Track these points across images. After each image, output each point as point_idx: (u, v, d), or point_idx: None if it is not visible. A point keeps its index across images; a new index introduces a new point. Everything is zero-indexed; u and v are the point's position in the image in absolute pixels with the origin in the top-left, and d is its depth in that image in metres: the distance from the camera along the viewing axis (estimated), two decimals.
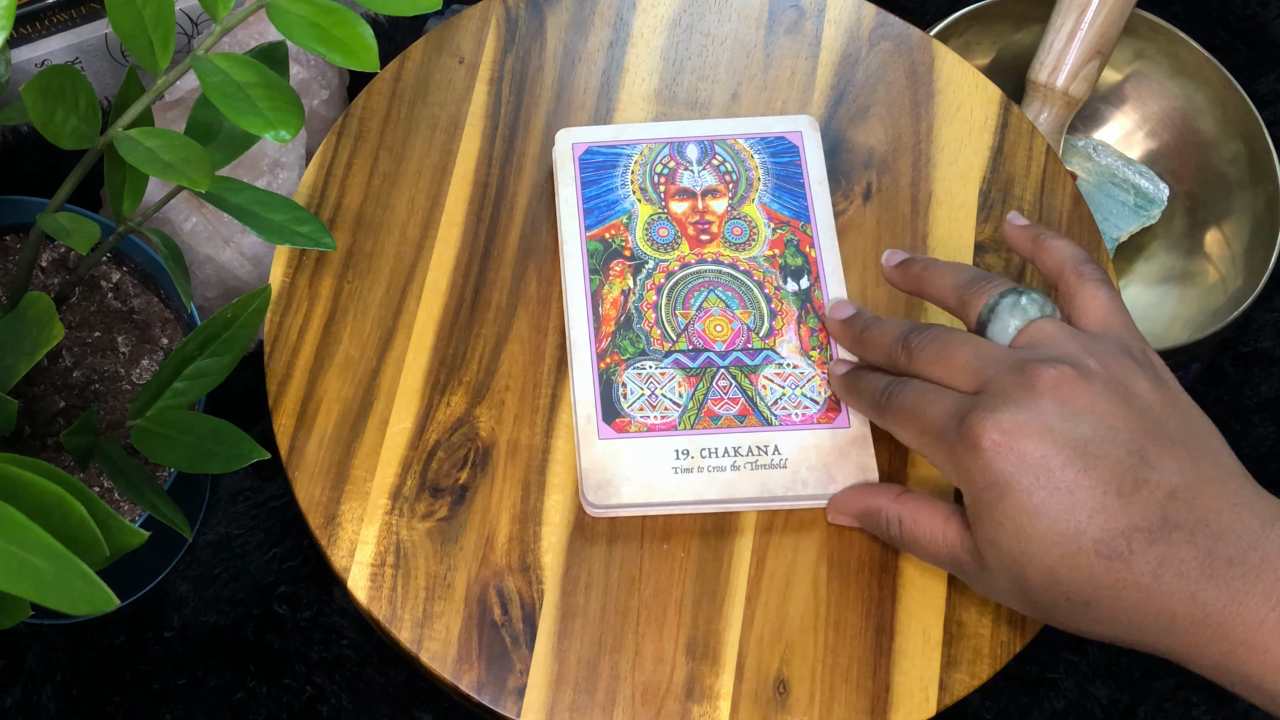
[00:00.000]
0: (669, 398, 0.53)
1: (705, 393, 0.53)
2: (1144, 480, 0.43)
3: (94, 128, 0.50)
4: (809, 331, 0.54)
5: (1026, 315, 0.47)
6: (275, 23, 0.47)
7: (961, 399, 0.45)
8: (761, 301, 0.54)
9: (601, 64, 0.60)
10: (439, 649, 0.49)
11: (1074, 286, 0.49)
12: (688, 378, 0.53)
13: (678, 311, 0.54)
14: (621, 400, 0.52)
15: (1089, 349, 0.45)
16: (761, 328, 0.54)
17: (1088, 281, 0.48)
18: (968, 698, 0.50)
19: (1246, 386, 0.85)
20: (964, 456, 0.44)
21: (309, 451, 0.52)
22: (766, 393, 0.53)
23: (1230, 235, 0.83)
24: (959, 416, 0.45)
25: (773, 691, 0.49)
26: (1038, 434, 0.43)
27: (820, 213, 0.56)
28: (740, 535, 0.52)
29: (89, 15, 0.78)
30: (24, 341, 0.51)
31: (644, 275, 0.55)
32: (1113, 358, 0.45)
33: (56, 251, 0.70)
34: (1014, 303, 0.47)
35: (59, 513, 0.39)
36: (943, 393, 0.46)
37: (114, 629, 0.73)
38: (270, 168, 0.76)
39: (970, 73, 0.61)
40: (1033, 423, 0.43)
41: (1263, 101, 0.91)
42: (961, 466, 0.44)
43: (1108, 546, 0.42)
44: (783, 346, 0.54)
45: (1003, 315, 0.47)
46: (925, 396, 0.47)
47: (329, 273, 0.55)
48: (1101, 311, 0.48)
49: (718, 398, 0.53)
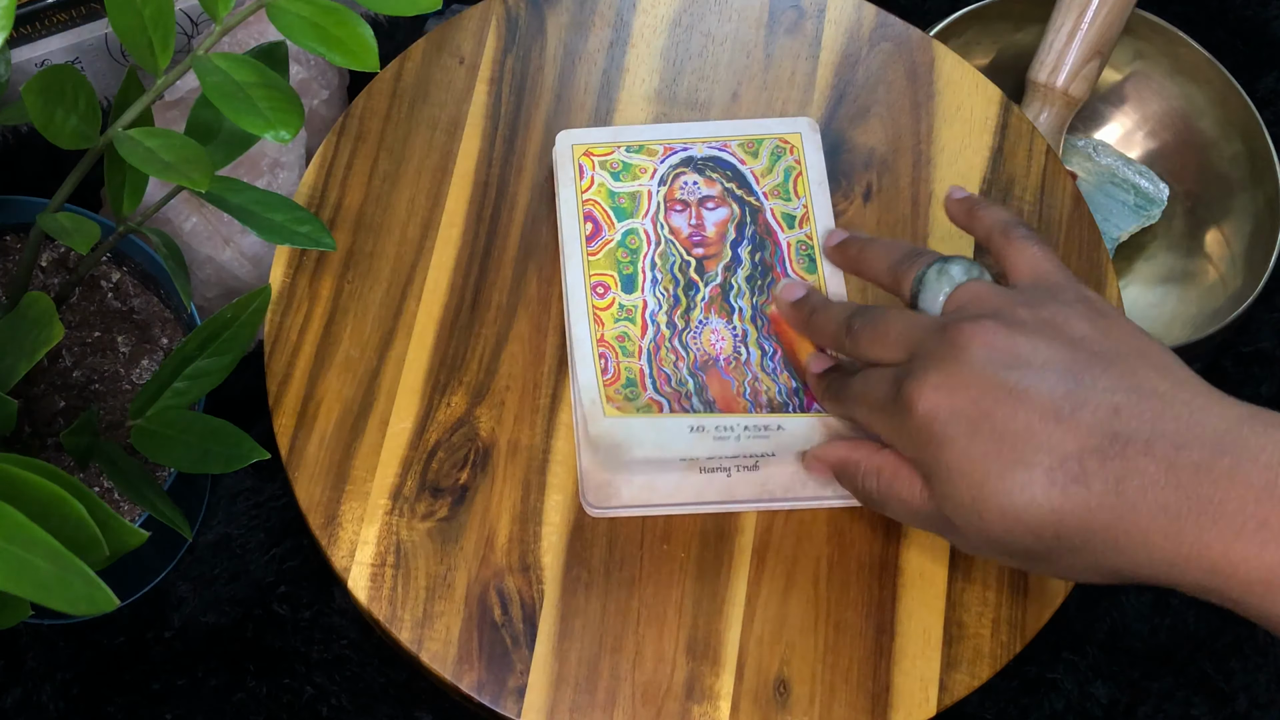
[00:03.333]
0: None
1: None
2: (1083, 402, 0.42)
3: (94, 128, 0.50)
4: None
5: (954, 281, 0.48)
6: (275, 23, 0.47)
7: (894, 370, 0.46)
8: None
9: (602, 64, 0.60)
10: (439, 649, 0.49)
11: (1002, 246, 0.49)
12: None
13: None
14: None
15: (1016, 300, 0.46)
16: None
17: (1015, 240, 0.49)
18: (968, 698, 0.50)
19: (1246, 386, 0.85)
20: (904, 423, 0.45)
21: (309, 451, 0.52)
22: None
23: (1230, 235, 0.83)
24: (894, 385, 0.45)
25: (773, 691, 0.49)
26: (965, 384, 0.43)
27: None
28: (740, 535, 0.52)
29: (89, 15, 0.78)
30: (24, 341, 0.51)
31: None
32: (1042, 304, 0.45)
33: (56, 251, 0.70)
34: (939, 270, 0.48)
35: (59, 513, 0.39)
36: (884, 372, 0.47)
37: (114, 629, 0.73)
38: (270, 168, 0.76)
39: (970, 73, 0.61)
40: (959, 374, 0.43)
41: (1263, 101, 0.91)
42: (904, 433, 0.45)
43: (1060, 473, 0.41)
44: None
45: (930, 284, 0.48)
46: (870, 379, 0.47)
47: (329, 273, 0.55)
48: (1031, 263, 0.48)
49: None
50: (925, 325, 0.46)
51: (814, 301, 0.52)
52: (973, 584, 0.52)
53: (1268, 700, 0.78)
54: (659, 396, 0.52)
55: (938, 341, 0.45)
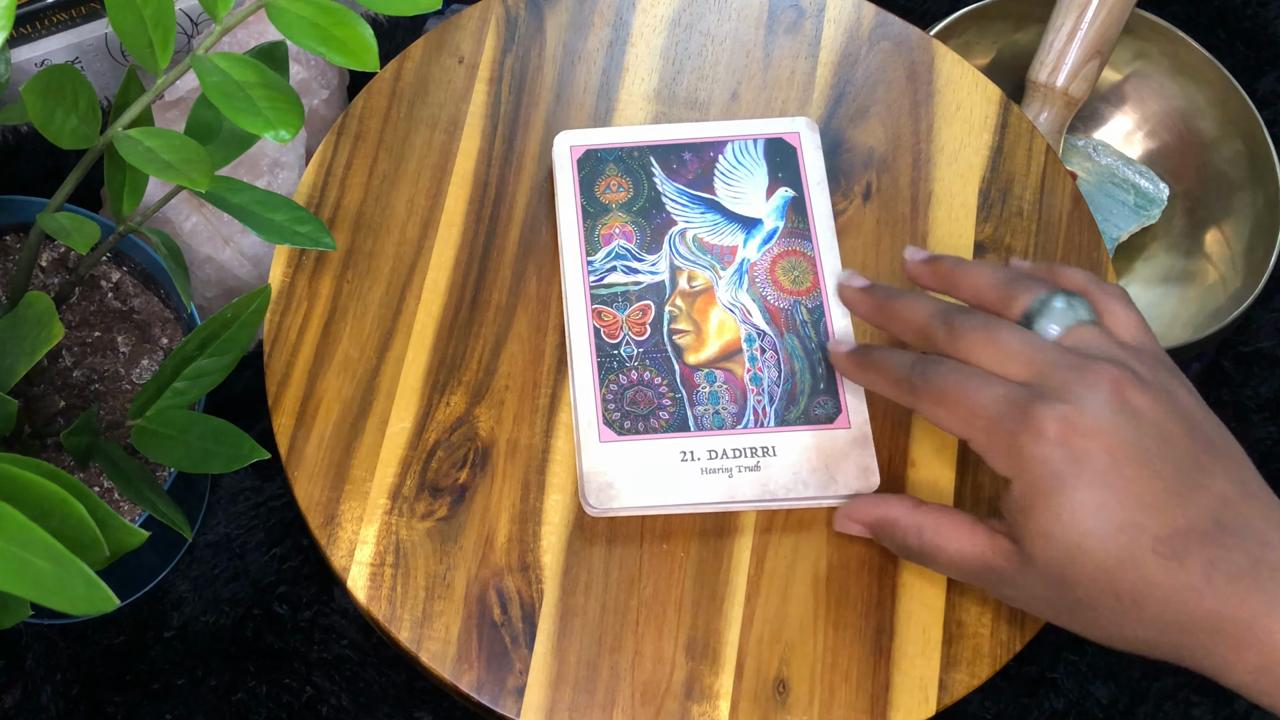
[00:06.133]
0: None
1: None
2: (1199, 485, 0.43)
3: (94, 128, 0.50)
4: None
5: (1077, 316, 0.47)
6: (275, 23, 0.47)
7: (1015, 387, 0.45)
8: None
9: (601, 64, 0.60)
10: (439, 649, 0.49)
11: (1103, 301, 0.48)
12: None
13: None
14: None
15: (1134, 357, 0.46)
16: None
17: (1115, 298, 0.48)
18: (968, 698, 0.50)
19: (1246, 386, 0.85)
20: (1026, 445, 0.44)
21: (309, 451, 0.52)
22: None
23: (1230, 235, 0.83)
24: (1018, 404, 0.44)
25: (772, 691, 0.49)
26: (1102, 430, 0.43)
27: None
28: (740, 535, 0.52)
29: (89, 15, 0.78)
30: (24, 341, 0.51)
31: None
32: (1157, 368, 0.46)
33: (56, 251, 0.70)
34: (1065, 303, 0.47)
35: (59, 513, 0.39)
36: (991, 377, 0.45)
37: (114, 629, 0.73)
38: (270, 168, 0.76)
39: (970, 73, 0.61)
40: (1097, 418, 0.43)
41: (1263, 101, 0.91)
42: (1021, 455, 0.44)
43: (1166, 545, 0.42)
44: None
45: (1050, 314, 0.47)
46: (973, 379, 0.46)
47: (329, 273, 0.55)
48: (1135, 327, 0.48)
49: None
50: (1055, 352, 0.45)
51: (888, 288, 0.51)
52: None
53: None
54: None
55: (1075, 376, 0.44)
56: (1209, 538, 0.42)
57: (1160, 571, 0.42)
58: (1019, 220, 0.58)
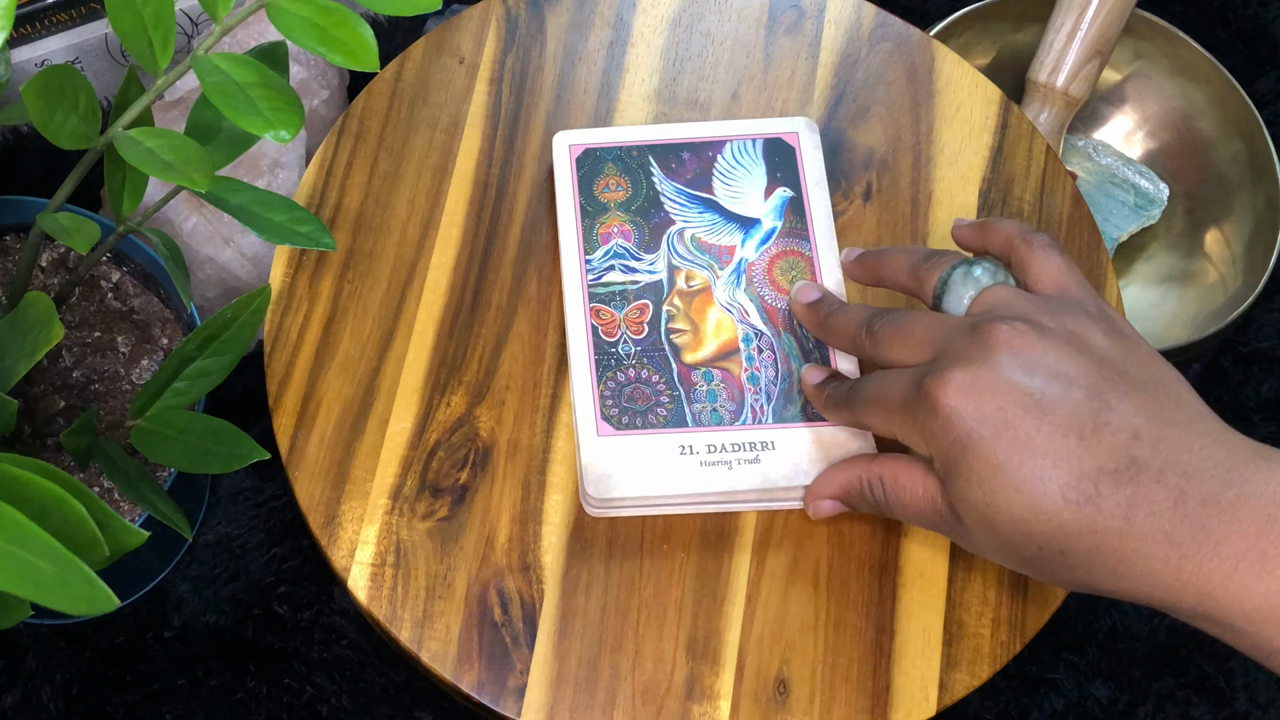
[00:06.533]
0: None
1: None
2: (1105, 423, 0.42)
3: (94, 128, 0.50)
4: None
5: (979, 284, 0.48)
6: (275, 23, 0.47)
7: (917, 369, 0.46)
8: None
9: (601, 64, 0.60)
10: (439, 649, 0.49)
11: (1025, 255, 0.49)
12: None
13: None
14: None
15: (1043, 308, 0.46)
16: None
17: (1037, 248, 0.48)
18: (968, 698, 0.50)
19: (1246, 386, 0.85)
20: (925, 420, 0.44)
21: (309, 451, 0.52)
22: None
23: (1230, 235, 0.83)
24: (916, 384, 0.45)
25: (773, 691, 0.49)
26: (993, 388, 0.43)
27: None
28: (740, 535, 0.52)
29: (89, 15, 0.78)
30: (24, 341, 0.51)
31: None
32: (1067, 315, 0.46)
33: (56, 251, 0.70)
34: (965, 272, 0.48)
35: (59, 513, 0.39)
36: (902, 372, 0.46)
37: (114, 629, 0.73)
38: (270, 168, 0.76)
39: (970, 73, 0.61)
40: (988, 377, 0.43)
41: (1263, 101, 0.91)
42: (925, 430, 0.45)
43: (1074, 491, 0.42)
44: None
45: (955, 286, 0.48)
46: (885, 380, 0.47)
47: (329, 273, 0.55)
48: (1055, 274, 0.48)
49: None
50: (952, 325, 0.46)
51: (830, 303, 0.52)
52: (973, 583, 0.52)
53: (1267, 700, 0.78)
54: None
55: (966, 341, 0.45)
56: (1122, 477, 0.42)
57: (1074, 518, 0.42)
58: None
